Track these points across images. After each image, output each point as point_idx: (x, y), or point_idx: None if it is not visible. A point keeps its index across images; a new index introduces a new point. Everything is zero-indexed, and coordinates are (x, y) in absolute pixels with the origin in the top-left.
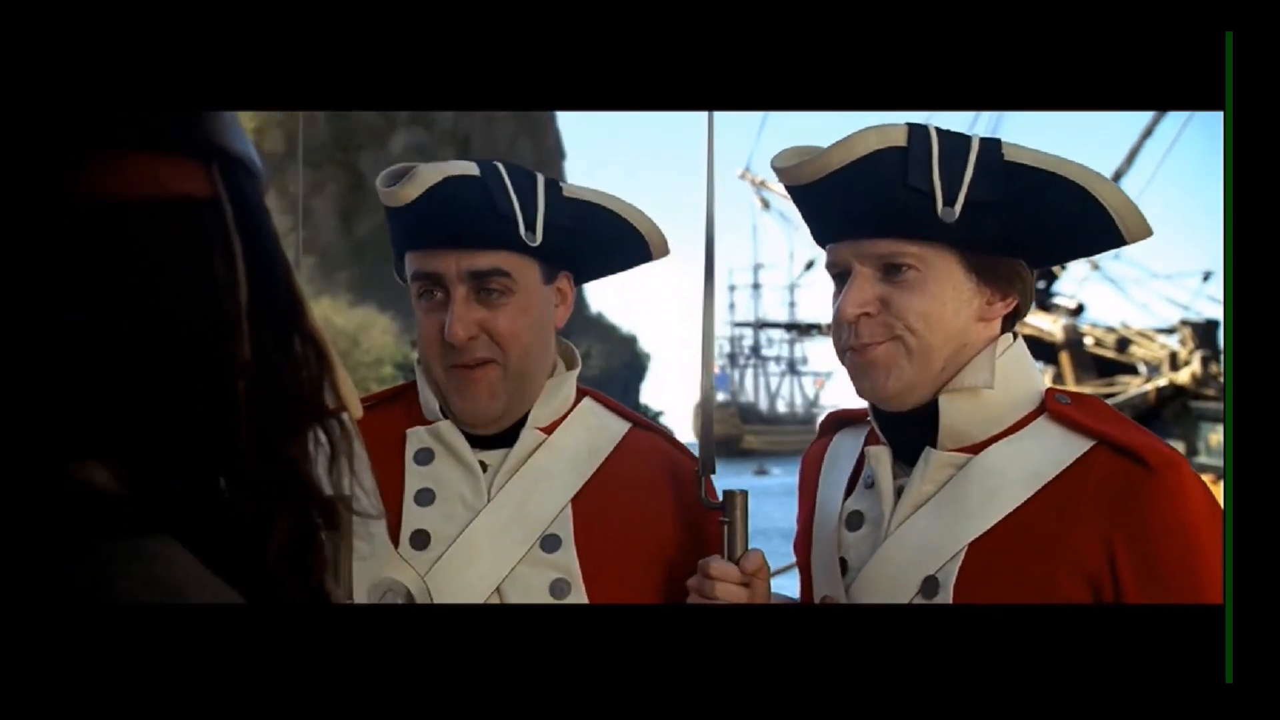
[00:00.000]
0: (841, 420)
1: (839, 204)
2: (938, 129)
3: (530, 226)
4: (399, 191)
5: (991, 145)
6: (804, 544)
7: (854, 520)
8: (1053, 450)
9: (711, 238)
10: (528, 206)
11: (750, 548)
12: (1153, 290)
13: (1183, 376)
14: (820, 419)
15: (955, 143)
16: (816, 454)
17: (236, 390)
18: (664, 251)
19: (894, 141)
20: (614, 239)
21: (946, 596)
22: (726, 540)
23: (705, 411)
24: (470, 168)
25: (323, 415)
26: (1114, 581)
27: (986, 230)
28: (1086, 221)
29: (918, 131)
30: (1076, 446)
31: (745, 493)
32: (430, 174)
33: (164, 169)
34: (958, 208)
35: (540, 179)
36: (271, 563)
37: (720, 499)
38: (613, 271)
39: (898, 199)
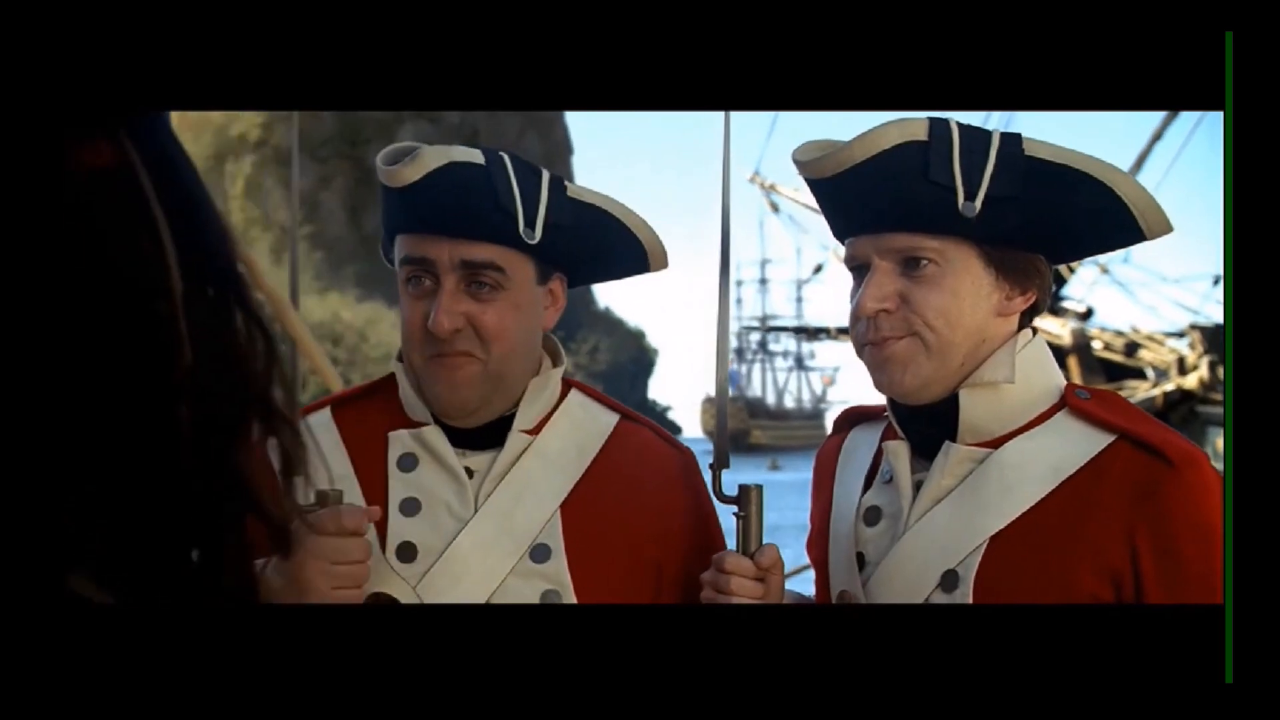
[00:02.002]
0: (856, 416)
1: (860, 198)
2: (959, 123)
3: (530, 223)
4: (399, 172)
5: (1012, 140)
6: (819, 541)
7: (872, 515)
8: (1073, 445)
9: (727, 235)
10: (530, 202)
11: (764, 542)
12: (1162, 294)
13: (1190, 381)
14: (835, 416)
15: (976, 137)
16: (831, 450)
17: (180, 406)
18: (662, 264)
19: (915, 136)
20: (614, 245)
21: (966, 590)
22: (741, 535)
23: (720, 407)
24: (475, 155)
25: (272, 415)
26: (1135, 577)
27: (1007, 224)
28: (1106, 216)
29: (939, 126)
30: (1097, 442)
31: (760, 487)
32: (433, 157)
33: (69, 147)
34: (979, 202)
35: (545, 176)
36: (225, 592)
37: (736, 493)
38: (607, 278)
39: (919, 193)
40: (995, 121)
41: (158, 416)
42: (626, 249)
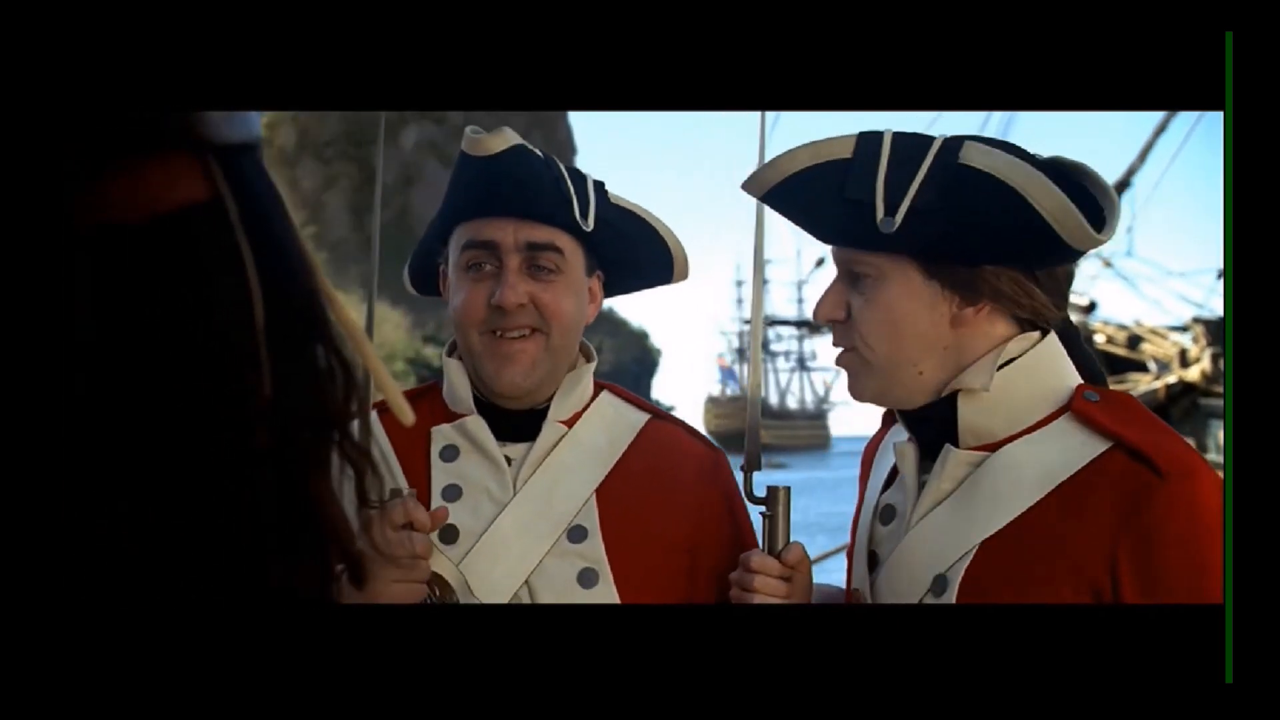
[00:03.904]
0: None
1: (795, 216)
2: (899, 135)
3: (584, 213)
4: (486, 140)
5: (950, 148)
6: (853, 533)
7: (887, 514)
8: (1069, 451)
9: (760, 238)
10: (581, 193)
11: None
12: (1166, 288)
13: (1192, 374)
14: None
15: (912, 148)
16: (873, 444)
17: (258, 436)
18: (685, 275)
19: (833, 155)
20: (647, 251)
21: (952, 596)
22: (768, 534)
23: (751, 413)
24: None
25: (349, 446)
26: (1114, 592)
27: (926, 237)
28: (1023, 226)
29: (866, 141)
30: (1092, 448)
31: (788, 488)
32: (512, 135)
33: (153, 176)
34: (899, 217)
35: (590, 177)
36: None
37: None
38: (635, 287)
39: (838, 212)
40: (995, 121)
41: (237, 444)
42: (656, 256)
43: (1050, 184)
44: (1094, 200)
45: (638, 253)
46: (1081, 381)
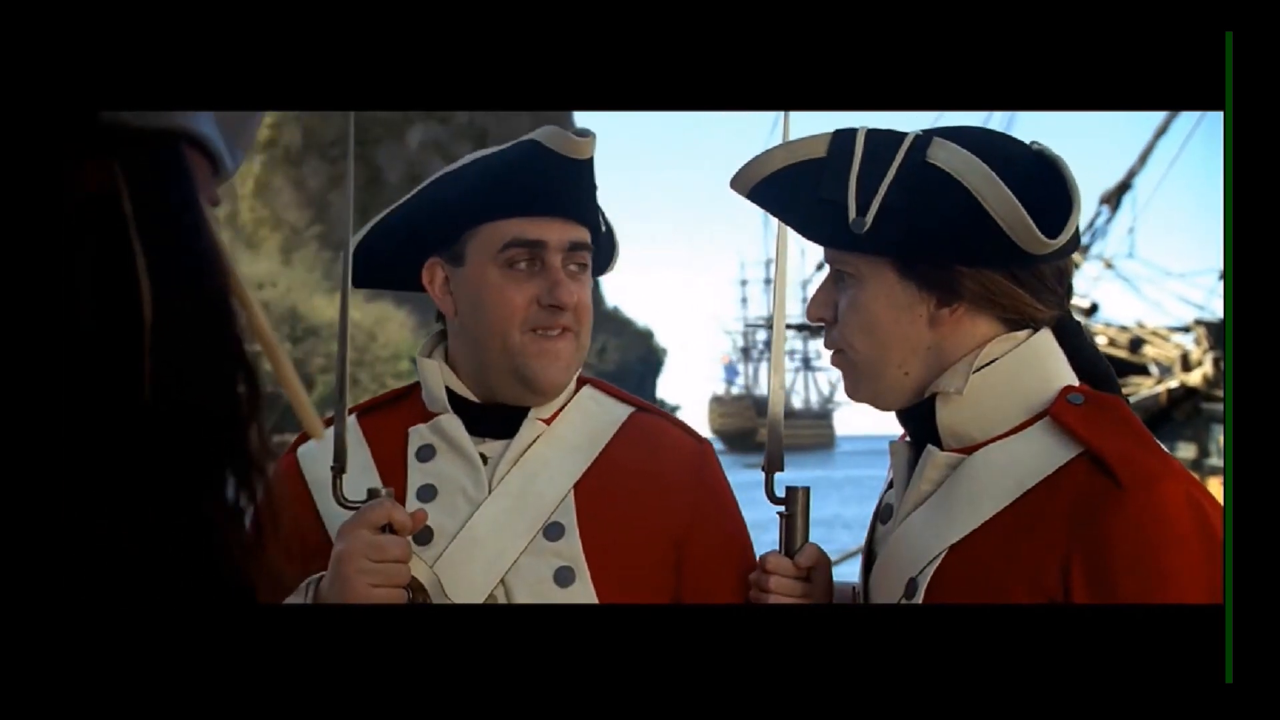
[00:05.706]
0: None
1: (777, 215)
2: (872, 132)
3: (598, 212)
4: (582, 144)
5: (919, 144)
6: None
7: (885, 513)
8: (1040, 458)
9: (783, 241)
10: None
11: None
12: (1167, 289)
13: (1194, 378)
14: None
15: (884, 146)
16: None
17: (129, 443)
18: (613, 267)
19: (809, 155)
20: (606, 244)
21: (919, 601)
22: (785, 535)
23: (772, 414)
24: None
25: (246, 463)
26: (1066, 602)
27: (897, 237)
28: (979, 226)
29: (841, 140)
30: (1061, 455)
31: (807, 488)
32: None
33: (70, 170)
34: (869, 217)
35: None
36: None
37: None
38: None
39: (814, 212)
40: (995, 121)
41: (107, 449)
42: (609, 249)
43: (1001, 184)
44: (1068, 199)
45: (603, 246)
46: (1073, 382)
